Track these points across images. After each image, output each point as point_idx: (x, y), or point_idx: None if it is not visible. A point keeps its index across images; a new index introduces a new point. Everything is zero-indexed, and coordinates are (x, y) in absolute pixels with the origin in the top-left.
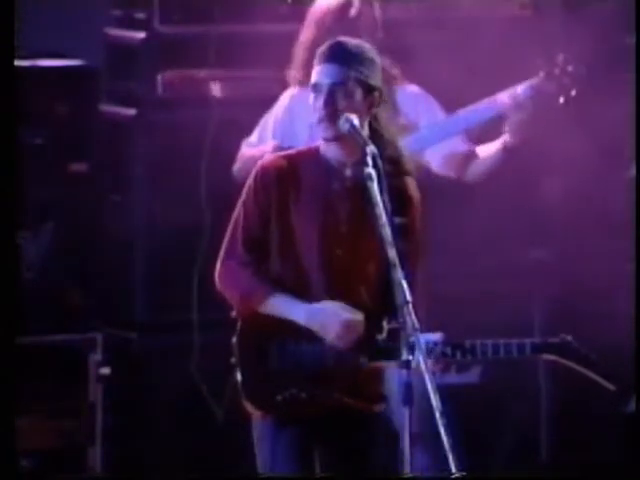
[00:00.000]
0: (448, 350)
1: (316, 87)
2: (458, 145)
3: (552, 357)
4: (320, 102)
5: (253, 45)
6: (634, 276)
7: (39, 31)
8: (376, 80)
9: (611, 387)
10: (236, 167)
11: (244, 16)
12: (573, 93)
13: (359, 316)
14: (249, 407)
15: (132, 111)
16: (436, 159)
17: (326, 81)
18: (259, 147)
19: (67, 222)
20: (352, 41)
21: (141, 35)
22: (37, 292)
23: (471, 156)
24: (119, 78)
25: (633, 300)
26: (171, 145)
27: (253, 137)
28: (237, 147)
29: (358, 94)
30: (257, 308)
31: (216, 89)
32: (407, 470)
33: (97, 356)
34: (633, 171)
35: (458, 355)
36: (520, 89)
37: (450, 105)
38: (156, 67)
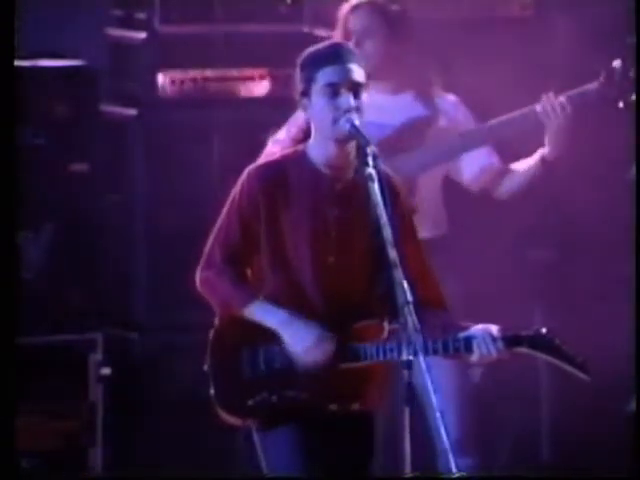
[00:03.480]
0: (430, 346)
1: (334, 86)
2: (492, 158)
3: (525, 350)
4: (342, 101)
5: (253, 45)
6: (634, 276)
7: (39, 31)
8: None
9: (586, 378)
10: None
11: (244, 16)
12: (633, 98)
13: (331, 339)
14: (223, 414)
15: (132, 111)
16: (468, 172)
17: (346, 81)
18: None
19: (67, 222)
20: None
21: (141, 35)
22: (37, 292)
23: (505, 171)
24: (119, 78)
25: (633, 301)
26: (171, 145)
27: (281, 134)
28: (237, 146)
29: (364, 92)
30: (238, 314)
31: (216, 89)
32: (407, 470)
33: (97, 356)
34: (633, 172)
35: (440, 350)
36: (572, 94)
37: None
38: (156, 67)
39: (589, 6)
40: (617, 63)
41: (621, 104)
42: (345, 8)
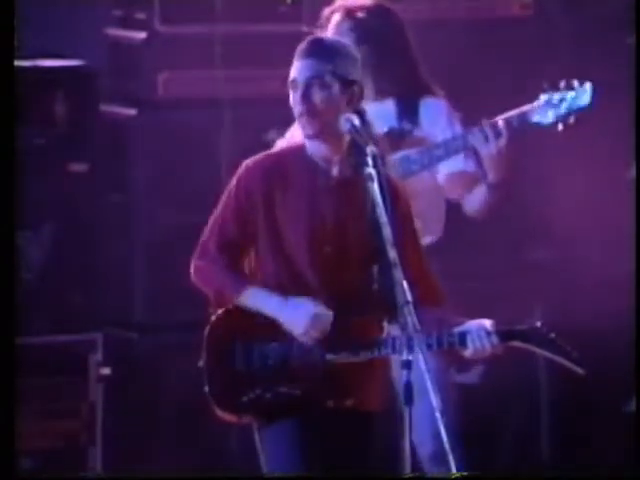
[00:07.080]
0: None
1: (293, 83)
2: (466, 166)
3: (519, 344)
4: (297, 97)
5: (253, 45)
6: (634, 276)
7: (39, 31)
8: (355, 74)
9: (581, 372)
10: None
11: (244, 16)
12: (572, 120)
13: (328, 312)
14: (217, 410)
15: (132, 111)
16: (440, 179)
17: (302, 76)
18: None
19: (67, 222)
20: (330, 37)
21: (141, 35)
22: (37, 292)
23: (477, 179)
24: (119, 78)
25: (633, 300)
26: (171, 145)
27: (289, 134)
28: (237, 146)
29: (335, 88)
30: (231, 302)
31: (216, 89)
32: (407, 470)
33: (97, 356)
34: (633, 172)
35: (434, 345)
36: (514, 115)
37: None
38: (156, 67)
39: (589, 6)
40: (562, 84)
41: (560, 127)
42: (325, 12)
